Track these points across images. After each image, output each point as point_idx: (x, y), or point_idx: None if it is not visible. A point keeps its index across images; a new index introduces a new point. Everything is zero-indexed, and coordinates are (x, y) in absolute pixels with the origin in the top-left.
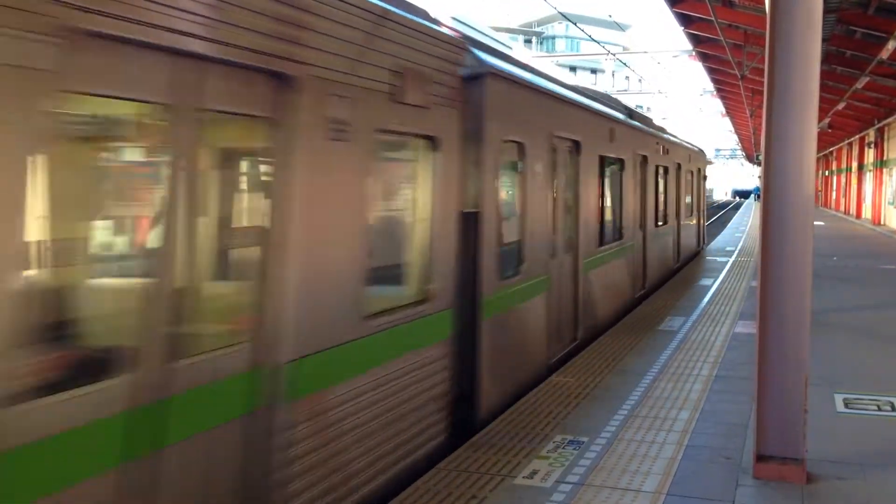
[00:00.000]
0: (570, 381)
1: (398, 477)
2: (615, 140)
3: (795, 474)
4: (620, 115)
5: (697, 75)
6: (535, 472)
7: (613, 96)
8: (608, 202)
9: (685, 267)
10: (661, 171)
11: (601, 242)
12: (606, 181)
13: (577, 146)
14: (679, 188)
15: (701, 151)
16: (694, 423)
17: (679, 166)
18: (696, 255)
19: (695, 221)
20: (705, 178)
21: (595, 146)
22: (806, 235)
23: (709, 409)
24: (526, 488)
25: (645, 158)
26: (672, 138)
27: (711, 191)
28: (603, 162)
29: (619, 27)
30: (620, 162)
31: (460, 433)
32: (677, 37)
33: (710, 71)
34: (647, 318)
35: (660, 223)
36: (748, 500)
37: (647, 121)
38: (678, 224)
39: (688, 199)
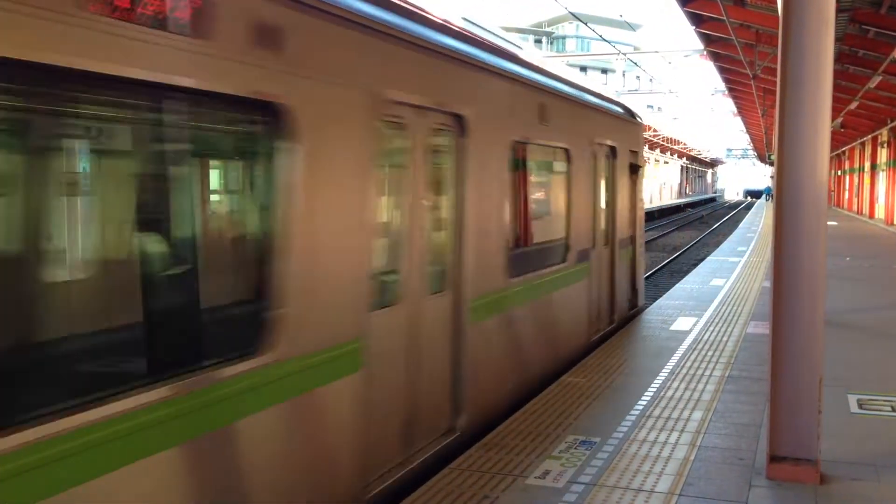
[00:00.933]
0: (581, 382)
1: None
2: None
3: (809, 475)
4: None
5: (709, 75)
6: (547, 473)
7: None
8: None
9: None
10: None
11: None
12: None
13: None
14: (485, 210)
15: (627, 116)
16: (707, 424)
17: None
18: (608, 336)
19: (596, 272)
20: (635, 168)
21: None
22: (819, 235)
23: (722, 410)
24: (538, 488)
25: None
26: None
27: (722, 191)
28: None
29: (630, 27)
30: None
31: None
32: (688, 36)
33: (722, 70)
34: (658, 318)
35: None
36: (762, 501)
37: None
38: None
39: (567, 222)
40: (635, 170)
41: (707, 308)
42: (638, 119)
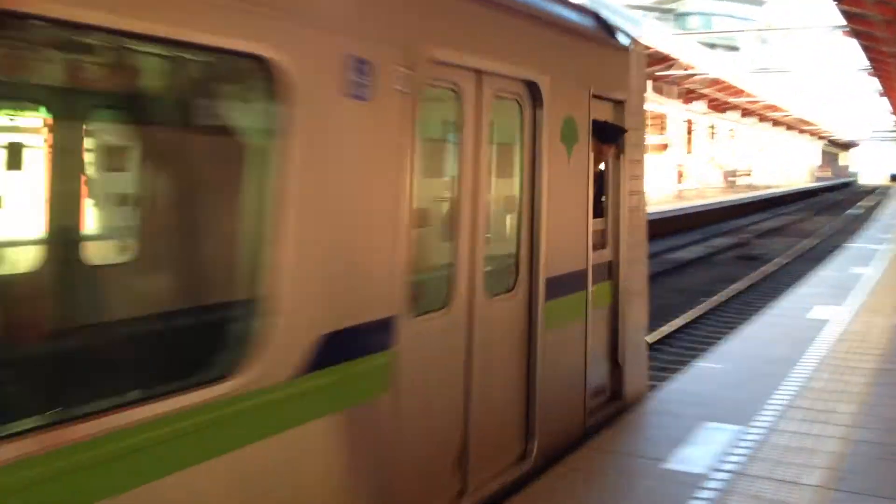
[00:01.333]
0: (717, 368)
1: None
2: None
3: None
4: None
5: (845, 53)
6: (686, 459)
7: None
8: None
9: None
10: None
11: None
12: None
13: None
14: None
15: (595, 29)
16: (858, 418)
17: None
18: None
19: (427, 373)
20: (612, 133)
21: None
22: None
23: (874, 404)
24: (677, 473)
25: None
26: None
27: (856, 174)
28: None
29: (756, 2)
30: None
31: None
32: (817, 11)
33: (865, 48)
34: (793, 304)
35: None
36: None
37: None
38: None
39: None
40: (611, 136)
41: (847, 296)
42: (619, 39)
